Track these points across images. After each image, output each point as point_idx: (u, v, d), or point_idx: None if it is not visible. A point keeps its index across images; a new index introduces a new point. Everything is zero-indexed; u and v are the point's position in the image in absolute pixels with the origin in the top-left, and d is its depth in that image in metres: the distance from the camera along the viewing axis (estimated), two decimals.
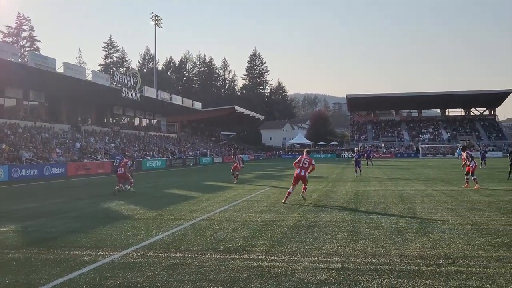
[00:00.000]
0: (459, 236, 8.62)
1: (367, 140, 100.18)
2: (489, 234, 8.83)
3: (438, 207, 12.98)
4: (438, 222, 10.35)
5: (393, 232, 9.12)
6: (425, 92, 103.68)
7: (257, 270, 6.46)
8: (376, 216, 11.30)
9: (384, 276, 6.06)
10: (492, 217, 10.94)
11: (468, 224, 10.03)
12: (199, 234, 9.16)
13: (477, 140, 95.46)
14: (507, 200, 14.34)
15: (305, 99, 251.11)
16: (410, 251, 7.49)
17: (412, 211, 12.23)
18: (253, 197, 16.25)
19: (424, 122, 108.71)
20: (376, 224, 10.17)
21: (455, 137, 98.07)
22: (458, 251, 7.40)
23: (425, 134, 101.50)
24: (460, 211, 12.09)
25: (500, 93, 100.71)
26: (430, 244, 7.99)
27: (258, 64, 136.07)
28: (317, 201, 14.61)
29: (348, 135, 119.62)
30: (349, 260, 6.96)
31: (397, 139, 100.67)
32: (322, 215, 11.63)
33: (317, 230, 9.44)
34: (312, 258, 7.09)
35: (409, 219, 10.84)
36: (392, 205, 13.54)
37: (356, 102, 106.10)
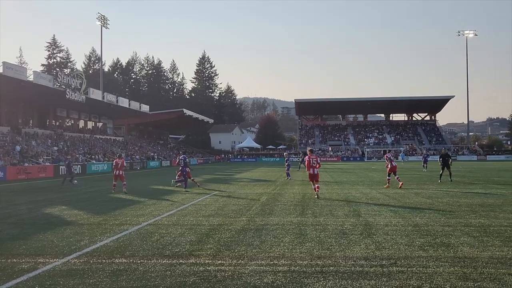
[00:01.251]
0: (401, 237, 8.89)
1: (315, 144, 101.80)
2: (429, 234, 9.16)
3: (381, 209, 13.35)
4: (381, 224, 10.63)
5: (339, 234, 9.29)
6: (370, 98, 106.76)
7: (204, 275, 6.40)
8: (322, 219, 11.47)
9: (329, 278, 6.15)
10: (432, 218, 11.36)
11: (409, 225, 10.37)
12: (145, 239, 8.98)
13: (419, 144, 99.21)
14: (446, 202, 14.94)
15: (254, 103, 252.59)
16: (355, 252, 7.65)
17: (357, 213, 12.51)
18: (201, 201, 16.13)
19: (369, 127, 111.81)
20: (322, 226, 10.33)
21: (398, 141, 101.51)
22: (400, 252, 7.63)
23: (370, 138, 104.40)
24: (402, 212, 12.48)
25: (440, 99, 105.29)
26: (374, 245, 8.19)
27: (207, 67, 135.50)
28: (265, 205, 14.67)
29: (296, 139, 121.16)
30: (295, 262, 7.02)
31: (344, 143, 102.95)
32: (269, 218, 11.69)
33: (265, 233, 9.47)
34: (259, 262, 7.10)
35: (354, 221, 11.08)
36: (338, 207, 13.80)
37: (304, 106, 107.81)
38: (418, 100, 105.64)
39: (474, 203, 14.64)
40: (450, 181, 24.41)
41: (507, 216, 11.69)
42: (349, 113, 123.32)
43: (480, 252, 7.54)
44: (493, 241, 8.47)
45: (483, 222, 10.76)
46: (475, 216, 11.75)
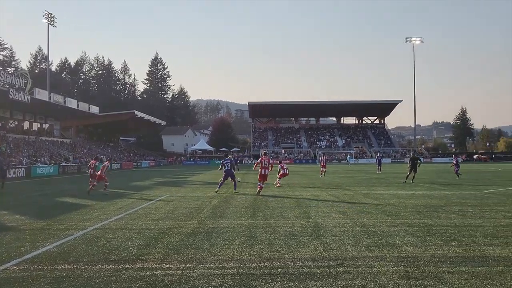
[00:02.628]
0: (349, 238, 9.07)
1: (268, 146, 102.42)
2: (375, 235, 9.39)
3: (331, 210, 13.57)
4: (330, 225, 10.80)
5: (288, 236, 9.37)
6: (322, 101, 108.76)
7: (151, 280, 6.28)
8: (273, 221, 11.53)
9: (277, 280, 6.18)
10: (379, 219, 11.66)
11: (357, 226, 10.59)
12: (90, 244, 8.73)
13: (369, 147, 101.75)
14: (392, 203, 15.37)
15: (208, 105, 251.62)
16: (303, 254, 7.73)
17: (307, 215, 12.66)
18: (151, 204, 15.87)
19: (321, 130, 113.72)
20: (272, 228, 10.38)
21: (349, 144, 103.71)
22: (347, 253, 7.78)
23: (322, 141, 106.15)
24: (351, 214, 12.74)
25: (389, 103, 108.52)
26: (322, 246, 8.31)
27: (159, 68, 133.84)
28: (216, 208, 14.61)
29: (250, 142, 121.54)
30: (244, 265, 7.02)
31: (296, 145, 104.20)
32: (220, 221, 11.64)
33: (215, 236, 9.42)
34: (208, 265, 7.05)
35: (304, 223, 11.21)
36: (289, 209, 13.92)
37: (257, 109, 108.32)
38: (368, 104, 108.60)
39: (419, 204, 15.14)
40: (412, 183, 25.39)
41: (449, 216, 12.15)
42: (302, 116, 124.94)
43: (422, 251, 7.79)
44: (435, 240, 8.78)
45: (426, 222, 11.13)
46: (419, 216, 12.15)
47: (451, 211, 13.26)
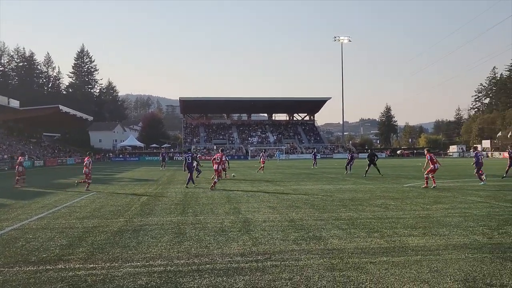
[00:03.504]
0: (277, 233, 9.20)
1: (200, 142, 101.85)
2: (303, 229, 9.59)
3: (261, 206, 13.71)
4: (260, 220, 10.91)
5: (218, 232, 9.35)
6: (254, 98, 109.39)
7: (73, 280, 6.04)
8: (203, 217, 11.47)
9: (205, 276, 6.15)
10: (307, 213, 11.92)
11: (286, 220, 10.77)
12: (7, 246, 8.25)
13: (299, 143, 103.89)
14: (320, 198, 15.79)
15: (138, 100, 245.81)
16: (232, 249, 7.74)
17: (237, 210, 12.71)
18: (76, 202, 15.27)
19: (253, 126, 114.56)
20: (202, 225, 10.32)
21: (280, 140, 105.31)
22: (275, 247, 7.88)
23: (254, 137, 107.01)
24: (280, 209, 12.94)
25: (318, 100, 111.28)
26: (251, 241, 8.37)
27: (86, 62, 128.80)
28: (145, 205, 14.31)
29: (181, 138, 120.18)
30: (172, 262, 6.92)
31: (228, 141, 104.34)
32: (149, 218, 11.42)
33: (142, 234, 9.22)
34: (134, 263, 6.88)
35: (234, 218, 11.24)
36: (219, 205, 13.91)
37: (189, 105, 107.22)
38: (299, 101, 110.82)
39: (345, 198, 15.66)
40: (381, 176, 27.32)
41: (372, 209, 12.66)
42: (233, 112, 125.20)
43: (347, 244, 8.05)
44: (359, 232, 9.12)
45: (352, 215, 11.53)
46: (345, 210, 12.56)
47: (375, 204, 13.82)
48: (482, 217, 10.94)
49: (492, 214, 11.41)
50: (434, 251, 7.40)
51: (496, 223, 10.03)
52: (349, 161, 31.24)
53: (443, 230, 9.30)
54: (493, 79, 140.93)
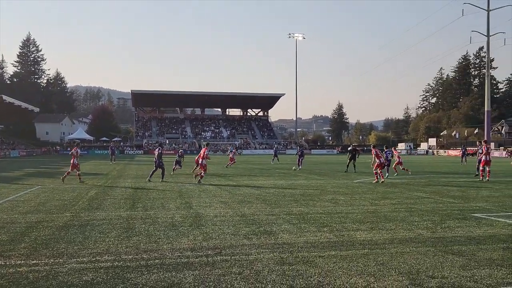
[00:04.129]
0: (228, 227, 9.18)
1: (152, 136, 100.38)
2: (254, 224, 9.62)
3: (213, 200, 13.65)
4: (211, 215, 10.86)
5: (168, 227, 9.23)
6: (208, 92, 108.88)
7: (14, 277, 5.78)
8: (153, 212, 11.30)
9: (154, 271, 6.05)
10: (258, 208, 11.97)
11: (237, 215, 10.77)
12: None
13: (253, 139, 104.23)
14: (272, 193, 15.90)
15: (88, 92, 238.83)
16: (182, 244, 7.66)
17: (188, 205, 12.61)
18: (20, 196, 14.68)
19: (206, 121, 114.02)
20: (152, 219, 10.17)
21: (234, 135, 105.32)
22: (226, 241, 7.86)
23: (207, 132, 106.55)
24: (232, 204, 12.93)
25: (272, 96, 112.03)
26: (202, 236, 8.31)
27: (32, 50, 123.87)
28: (93, 199, 13.94)
29: (132, 131, 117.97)
30: (119, 257, 6.77)
31: (181, 136, 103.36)
32: (96, 213, 11.13)
33: (89, 229, 8.97)
34: (80, 259, 6.68)
35: (185, 213, 11.14)
36: (170, 200, 13.75)
37: (141, 98, 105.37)
38: (253, 96, 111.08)
39: (297, 193, 15.84)
40: (355, 172, 27.41)
41: (323, 204, 12.87)
42: (187, 107, 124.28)
43: (297, 238, 8.14)
44: (309, 227, 9.24)
45: (302, 210, 11.67)
46: (297, 205, 12.70)
47: (325, 199, 14.06)
48: (426, 212, 11.33)
49: (436, 209, 11.84)
50: (380, 245, 7.60)
51: (439, 218, 10.41)
52: (300, 156, 31.60)
53: (389, 224, 9.57)
54: (440, 80, 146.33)
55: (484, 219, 10.27)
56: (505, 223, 9.84)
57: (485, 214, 11.00)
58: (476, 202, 13.49)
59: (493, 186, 18.61)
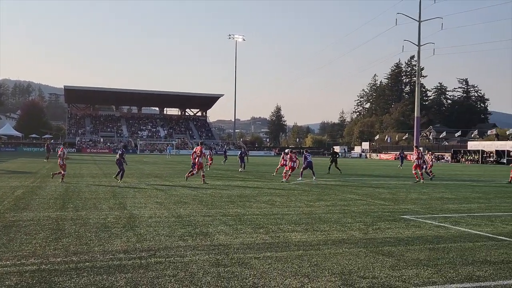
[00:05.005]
0: (163, 229, 9.01)
1: (85, 134, 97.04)
2: (190, 225, 9.50)
3: (148, 201, 13.37)
4: (146, 216, 10.62)
5: (100, 228, 8.92)
6: (145, 90, 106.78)
7: None
8: (84, 213, 10.90)
9: (84, 274, 5.81)
10: (194, 209, 11.85)
11: (173, 216, 10.60)
12: None
13: (190, 139, 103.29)
14: (209, 194, 15.80)
15: (17, 87, 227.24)
16: (115, 246, 7.42)
17: (122, 206, 12.27)
18: None
19: (143, 119, 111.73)
20: (83, 220, 9.79)
21: (171, 135, 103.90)
22: (160, 243, 7.70)
23: (144, 131, 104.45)
24: (168, 204, 12.72)
25: (211, 97, 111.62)
26: (135, 237, 8.10)
27: None
28: (20, 199, 13.25)
29: (65, 128, 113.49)
30: (47, 260, 6.44)
31: (116, 134, 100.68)
32: (23, 213, 10.58)
33: (15, 231, 8.50)
34: (3, 262, 6.29)
35: (118, 214, 10.82)
36: (104, 200, 13.33)
37: (75, 94, 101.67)
38: (191, 96, 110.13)
39: (234, 194, 15.85)
40: (340, 173, 28.47)
41: (259, 205, 12.94)
42: (123, 104, 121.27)
43: (233, 239, 8.12)
44: (246, 228, 9.25)
45: (239, 211, 11.68)
46: (233, 206, 12.70)
47: (262, 200, 14.15)
48: (359, 214, 11.68)
49: (368, 211, 12.23)
50: (314, 246, 7.73)
51: (371, 220, 10.76)
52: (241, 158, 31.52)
53: (324, 226, 9.77)
54: (374, 86, 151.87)
55: (412, 221, 10.73)
56: (431, 224, 10.32)
57: (414, 216, 11.49)
58: (406, 204, 14.08)
59: (421, 189, 19.51)
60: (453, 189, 20.09)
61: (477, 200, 15.83)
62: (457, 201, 15.24)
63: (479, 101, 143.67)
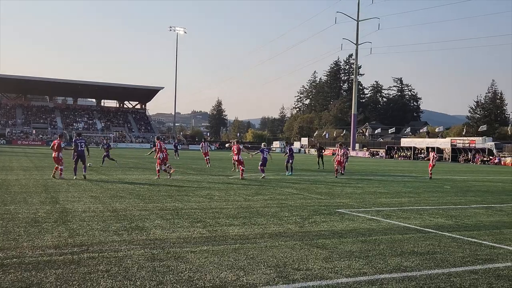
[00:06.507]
0: (98, 223, 8.77)
1: (16, 125, 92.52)
2: (126, 219, 9.32)
3: (82, 195, 12.98)
4: (79, 210, 10.30)
5: (30, 223, 8.56)
6: (81, 81, 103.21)
7: None
8: (13, 207, 10.41)
9: (10, 271, 5.56)
10: (131, 204, 11.63)
11: (108, 211, 10.35)
12: None
13: (129, 132, 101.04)
14: (146, 188, 15.57)
15: None
16: (45, 241, 7.15)
17: (55, 200, 11.84)
18: None
19: (79, 111, 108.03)
20: (11, 215, 9.35)
21: (109, 127, 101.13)
22: (94, 238, 7.50)
23: (80, 123, 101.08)
24: (103, 198, 12.40)
25: (151, 89, 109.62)
26: (68, 232, 7.84)
27: None
28: None
29: None
30: None
31: (50, 126, 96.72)
32: None
33: None
34: None
35: (50, 208, 10.43)
36: (34, 194, 12.80)
37: (4, 82, 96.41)
38: (130, 88, 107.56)
39: (172, 188, 15.68)
40: (323, 168, 29.28)
41: (198, 200, 12.89)
42: (57, 95, 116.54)
43: (170, 234, 8.04)
44: (183, 222, 9.19)
45: (177, 205, 11.58)
46: (171, 200, 12.57)
47: (201, 194, 14.10)
48: (296, 208, 11.90)
49: (304, 205, 12.50)
50: (251, 240, 7.81)
51: (307, 213, 11.01)
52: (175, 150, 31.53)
53: (261, 219, 9.88)
54: (313, 83, 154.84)
55: (346, 214, 11.08)
56: (364, 218, 10.71)
57: (348, 210, 11.87)
58: (341, 198, 14.51)
59: (356, 184, 20.17)
60: (386, 184, 20.93)
61: (408, 194, 16.59)
62: (389, 196, 15.89)
63: (412, 100, 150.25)
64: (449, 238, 8.57)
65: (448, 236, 8.76)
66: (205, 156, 30.43)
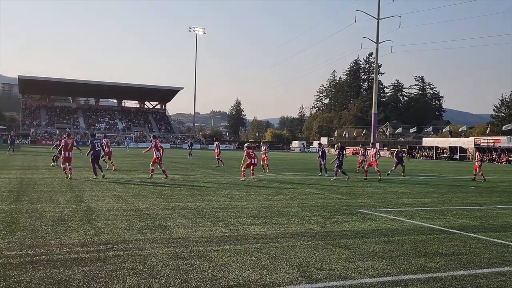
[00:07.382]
0: (121, 222, 8.92)
1: (40, 126, 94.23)
2: (149, 218, 9.45)
3: (106, 194, 13.18)
4: (103, 209, 10.47)
5: (56, 221, 8.75)
6: (102, 82, 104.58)
7: None
8: (40, 206, 10.64)
9: (40, 268, 5.70)
10: (154, 203, 11.77)
11: (131, 210, 10.50)
12: None
13: (149, 132, 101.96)
14: (168, 187, 15.73)
15: None
16: (71, 239, 7.30)
17: (79, 199, 12.05)
18: None
19: (101, 111, 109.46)
20: (39, 213, 9.57)
21: (130, 127, 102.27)
22: (119, 236, 7.63)
23: (102, 123, 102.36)
24: (126, 198, 12.57)
25: (171, 89, 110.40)
26: (93, 231, 7.99)
27: None
28: None
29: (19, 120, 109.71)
30: (1, 254, 6.28)
31: (73, 126, 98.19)
32: None
33: None
34: None
35: (75, 207, 10.63)
36: (60, 193, 13.04)
37: (29, 84, 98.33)
38: (150, 89, 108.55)
39: (193, 188, 15.83)
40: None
41: (219, 199, 12.98)
42: (80, 96, 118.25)
43: (192, 233, 8.13)
44: (205, 222, 9.27)
45: (198, 205, 11.68)
46: (193, 199, 12.68)
47: (221, 194, 14.19)
48: (317, 208, 11.90)
49: (325, 205, 12.49)
50: (273, 239, 7.85)
51: (329, 213, 11.00)
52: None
53: (282, 219, 9.91)
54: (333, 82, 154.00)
55: (368, 214, 11.03)
56: (386, 218, 10.65)
57: (370, 210, 11.82)
58: (362, 198, 14.44)
59: (377, 184, 20.03)
60: (408, 184, 20.74)
61: (431, 194, 16.42)
62: (411, 196, 15.75)
63: (434, 99, 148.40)
64: (475, 239, 8.48)
65: (473, 237, 8.66)
66: (216, 155, 30.42)
